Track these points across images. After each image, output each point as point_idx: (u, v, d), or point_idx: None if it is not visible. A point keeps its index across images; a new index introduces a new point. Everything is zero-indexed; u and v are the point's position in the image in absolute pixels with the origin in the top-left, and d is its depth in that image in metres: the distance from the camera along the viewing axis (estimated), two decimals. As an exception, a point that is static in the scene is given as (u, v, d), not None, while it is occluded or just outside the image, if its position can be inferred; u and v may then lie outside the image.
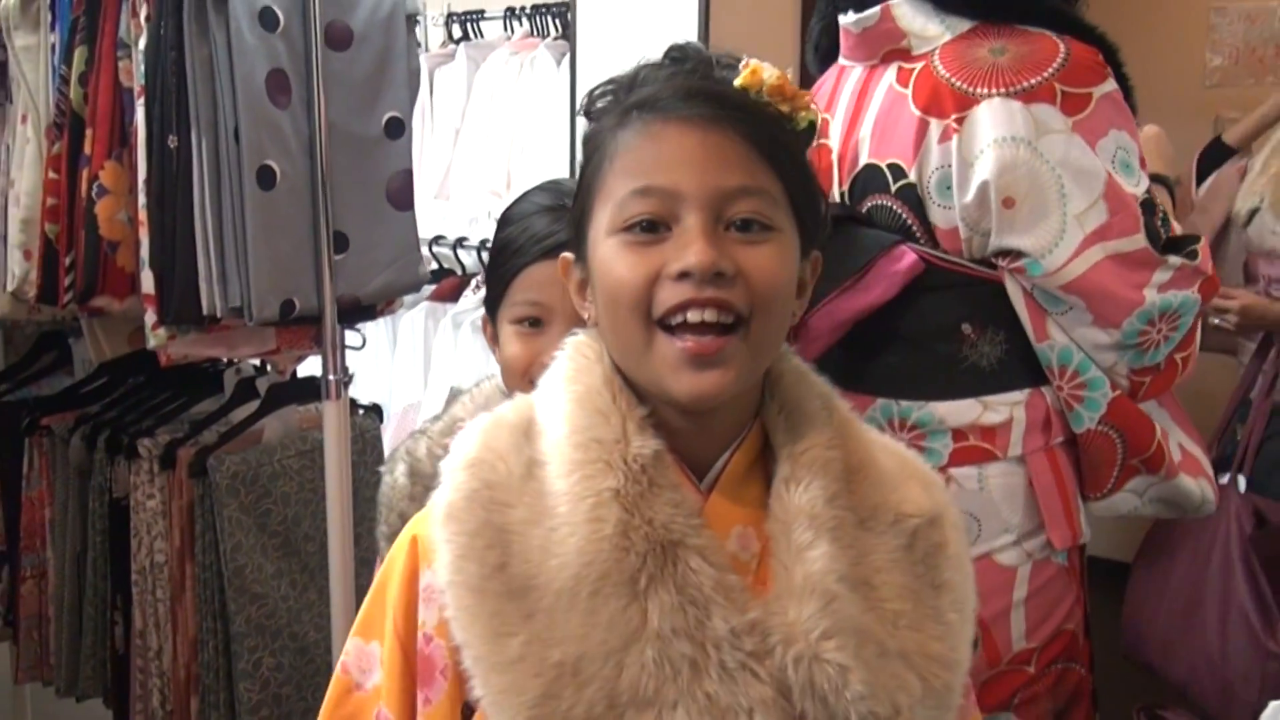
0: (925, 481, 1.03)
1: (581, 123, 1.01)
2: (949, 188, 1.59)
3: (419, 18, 2.09)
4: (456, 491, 0.95)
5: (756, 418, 1.00)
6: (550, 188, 1.44)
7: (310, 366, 2.29)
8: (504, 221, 1.42)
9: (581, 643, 0.89)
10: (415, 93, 2.11)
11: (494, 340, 1.39)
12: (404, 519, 1.36)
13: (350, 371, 2.10)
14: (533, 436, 0.97)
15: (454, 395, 3.17)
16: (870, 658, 0.90)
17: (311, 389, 2.28)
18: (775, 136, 0.94)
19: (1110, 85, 1.57)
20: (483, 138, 3.49)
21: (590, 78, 2.83)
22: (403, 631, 0.98)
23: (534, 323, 1.34)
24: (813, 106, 0.97)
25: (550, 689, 0.88)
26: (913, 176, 1.61)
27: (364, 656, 1.03)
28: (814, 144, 1.74)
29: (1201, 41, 4.20)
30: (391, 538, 1.39)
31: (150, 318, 1.88)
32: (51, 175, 1.98)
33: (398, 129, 2.06)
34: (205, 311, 1.87)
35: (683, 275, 0.89)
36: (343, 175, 1.98)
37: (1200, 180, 2.92)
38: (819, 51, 1.89)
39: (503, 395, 1.41)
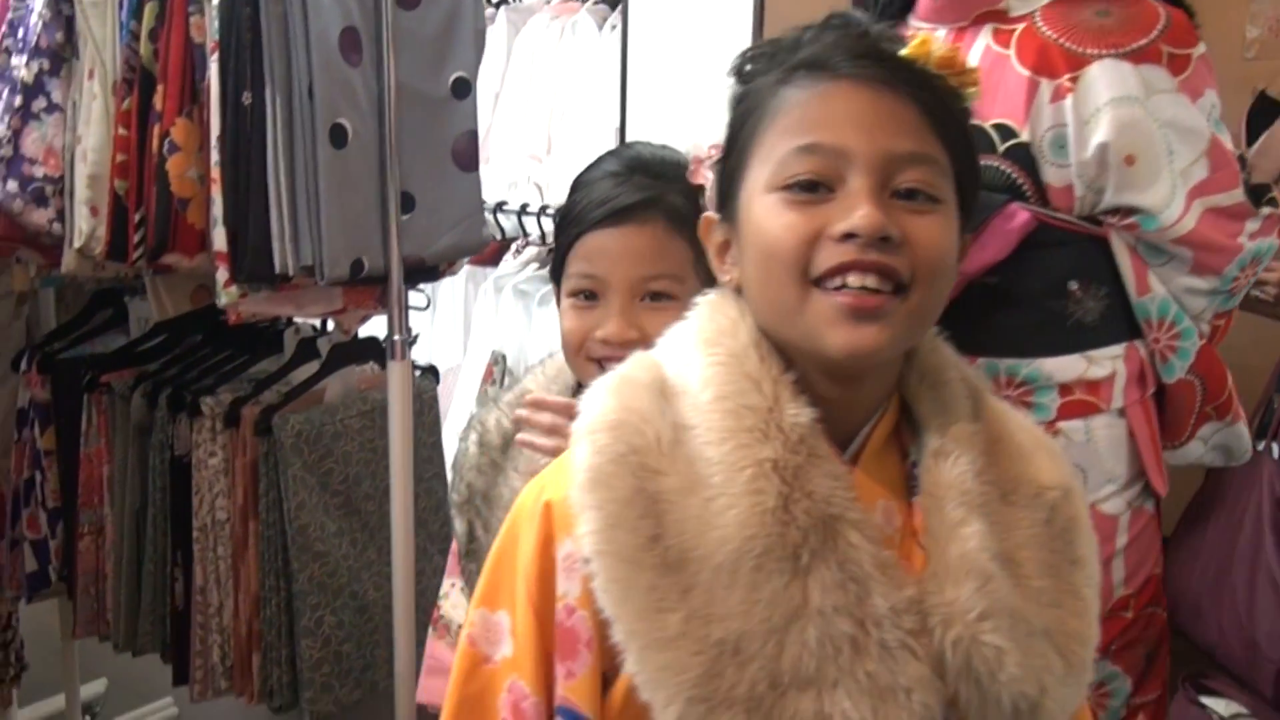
0: (1052, 452, 1.02)
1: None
2: (1063, 146, 1.61)
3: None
4: (600, 455, 0.92)
5: (895, 390, 0.99)
6: (621, 153, 1.41)
7: (370, 327, 2.30)
8: (571, 189, 1.40)
9: (743, 620, 0.86)
10: (481, 53, 2.11)
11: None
12: (471, 489, 1.37)
13: (414, 332, 2.11)
14: (670, 398, 0.95)
15: (495, 359, 3.19)
16: (1021, 638, 0.89)
17: (371, 349, 2.28)
18: (946, 107, 0.92)
19: (1203, 47, 1.62)
20: (522, 102, 3.48)
21: (641, 42, 2.82)
22: (538, 601, 0.95)
23: (588, 295, 1.31)
24: (975, 78, 0.95)
25: (712, 668, 0.86)
26: (1025, 136, 1.63)
27: (491, 627, 1.00)
28: None
29: (1241, 13, 4.18)
30: (461, 506, 1.38)
31: (222, 275, 1.88)
32: (120, 132, 1.97)
33: (464, 89, 2.06)
34: (278, 270, 1.86)
35: (847, 237, 0.87)
36: (410, 135, 1.98)
37: (1251, 140, 2.93)
38: (881, 11, 1.89)
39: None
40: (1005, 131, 1.64)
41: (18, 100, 2.00)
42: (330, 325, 2.36)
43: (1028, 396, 1.67)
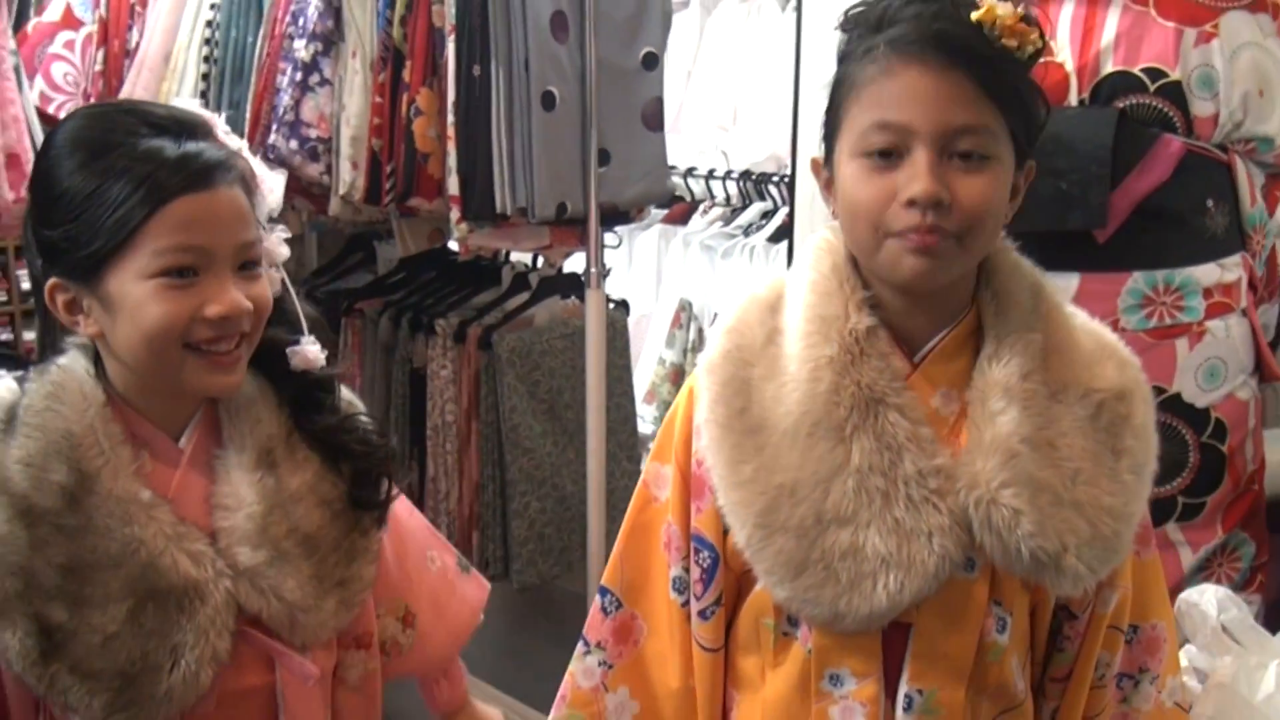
0: (1120, 361, 1.15)
1: (813, 59, 1.22)
2: (1209, 83, 1.87)
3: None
4: (715, 350, 1.17)
5: (973, 303, 1.15)
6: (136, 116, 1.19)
7: (572, 266, 2.67)
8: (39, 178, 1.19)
9: (798, 471, 1.09)
10: (667, 31, 2.44)
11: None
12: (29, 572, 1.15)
13: (609, 267, 2.46)
14: (778, 310, 1.17)
15: (682, 306, 3.48)
16: (1044, 505, 1.06)
17: (572, 283, 2.65)
18: (1002, 75, 1.05)
19: None
20: (712, 77, 3.78)
21: (816, 20, 3.09)
22: (681, 458, 1.21)
23: (182, 273, 1.11)
24: (1036, 37, 1.07)
25: (772, 504, 1.09)
26: (1175, 75, 1.88)
27: (659, 475, 1.25)
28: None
29: None
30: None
31: (454, 215, 2.28)
32: (376, 100, 2.38)
33: (652, 61, 2.40)
34: (498, 210, 2.25)
35: (911, 203, 1.04)
36: (607, 100, 2.32)
37: None
38: None
39: None
40: (1155, 73, 1.88)
41: (298, 76, 2.44)
42: (540, 262, 2.74)
43: (1180, 301, 1.90)
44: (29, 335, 5.03)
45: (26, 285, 4.61)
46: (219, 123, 1.18)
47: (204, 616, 1.12)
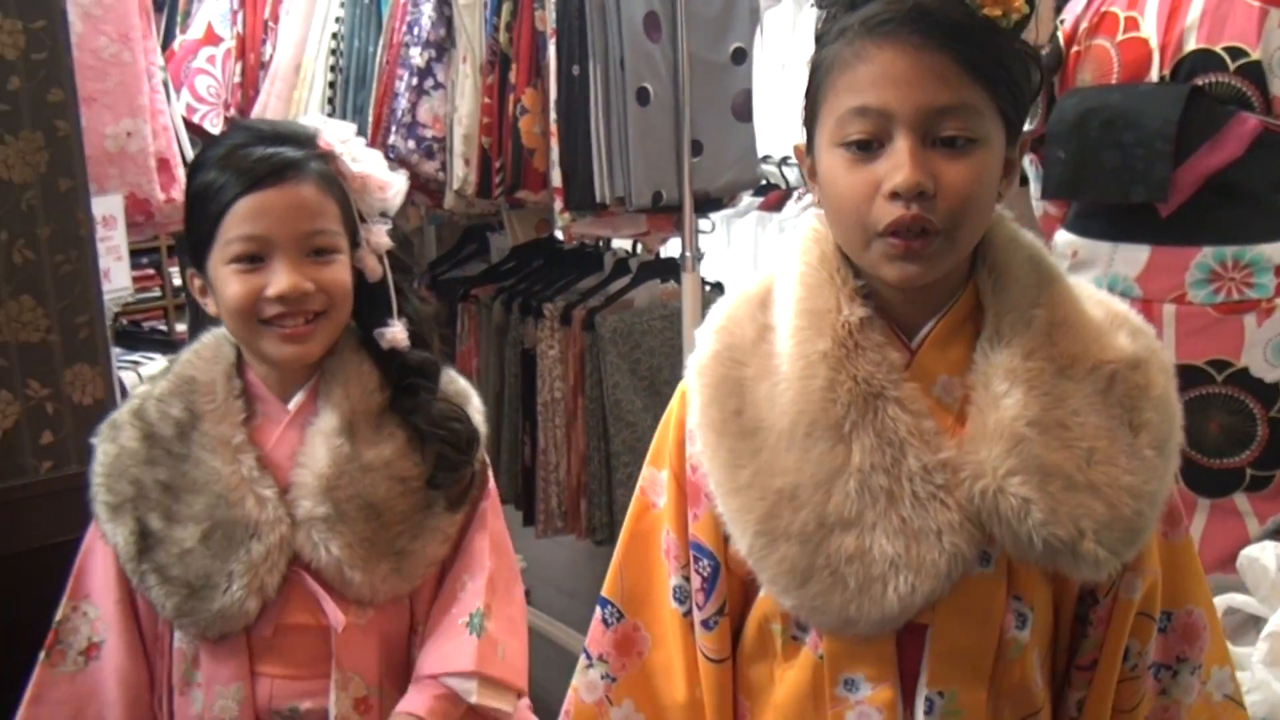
0: (1134, 330, 1.04)
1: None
2: None
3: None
4: (704, 351, 1.08)
5: (969, 282, 1.05)
6: (241, 128, 1.38)
7: (669, 250, 2.75)
8: (193, 171, 1.34)
9: (797, 474, 1.00)
10: (755, 27, 2.50)
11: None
12: (140, 484, 1.30)
13: (703, 251, 2.53)
14: (767, 305, 1.08)
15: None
16: (1056, 490, 0.96)
17: (670, 267, 2.73)
18: (984, 50, 0.95)
19: None
20: (804, 69, 3.80)
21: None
22: (675, 464, 1.12)
23: (252, 259, 1.25)
24: (1020, 3, 0.96)
25: (772, 510, 1.00)
26: (1256, 55, 1.86)
27: (655, 481, 1.16)
28: (1121, 37, 1.91)
29: None
30: (120, 507, 1.32)
31: (558, 205, 2.37)
32: (485, 100, 2.49)
33: (741, 56, 2.45)
34: (597, 199, 2.34)
35: (894, 195, 0.95)
36: (698, 94, 2.39)
37: None
38: None
39: None
40: (1236, 53, 1.86)
41: (414, 81, 2.56)
42: (639, 248, 2.82)
43: (1249, 278, 1.87)
44: (180, 327, 5.29)
45: (178, 281, 4.86)
46: (327, 130, 1.29)
47: (257, 553, 1.24)
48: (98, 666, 1.30)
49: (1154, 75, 1.96)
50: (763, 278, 1.10)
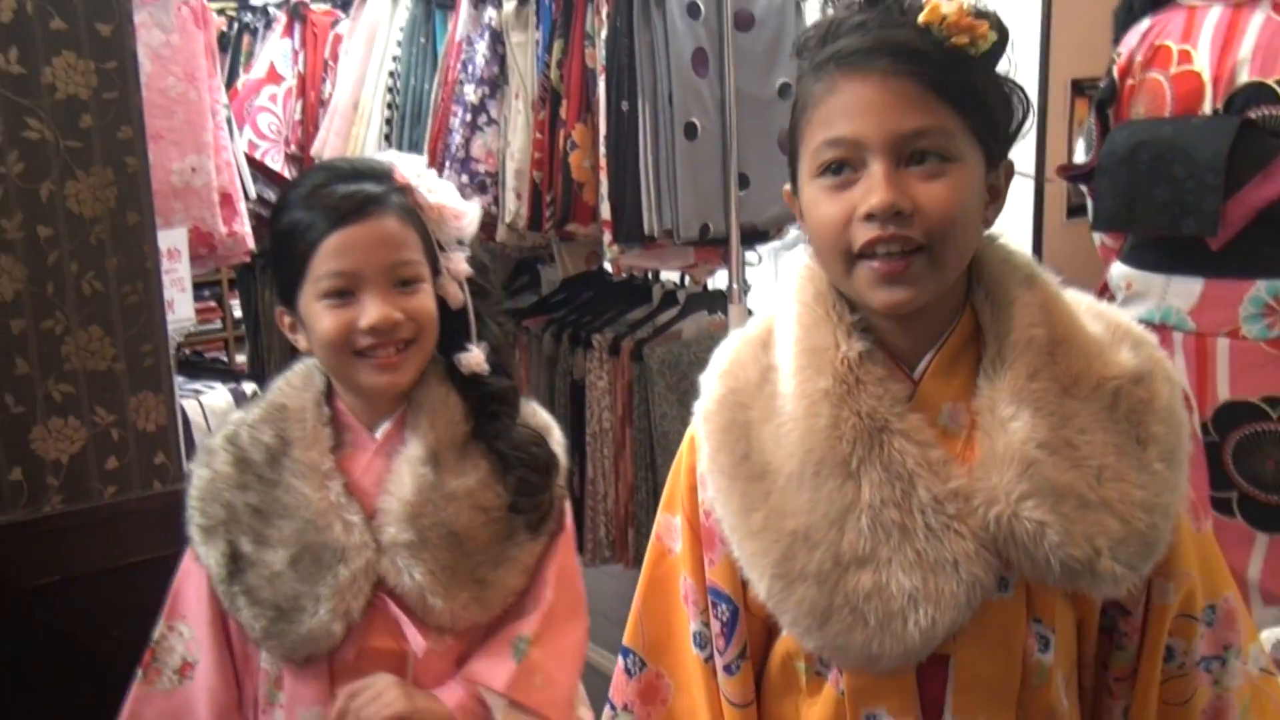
0: (1136, 342, 1.04)
1: None
2: None
3: (805, 0, 2.49)
4: (710, 396, 1.08)
5: (966, 306, 1.05)
6: (325, 167, 1.41)
7: (717, 282, 2.76)
8: (279, 210, 1.38)
9: (809, 515, 0.99)
10: (802, 62, 2.51)
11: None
12: (232, 508, 1.34)
13: (750, 283, 2.54)
14: (769, 346, 1.07)
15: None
16: (1070, 511, 0.96)
17: (717, 299, 2.75)
18: (950, 73, 0.96)
19: None
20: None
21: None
22: (689, 510, 1.12)
23: (343, 293, 1.27)
24: (987, 30, 0.97)
25: (788, 552, 1.00)
26: None
27: (670, 527, 1.16)
28: (1175, 70, 1.89)
29: None
30: (212, 529, 1.35)
31: (607, 237, 2.40)
32: (536, 136, 2.53)
33: (787, 91, 2.47)
34: (646, 232, 2.37)
35: (869, 216, 0.95)
36: (745, 128, 2.41)
37: None
38: None
39: None
40: None
41: (468, 117, 2.61)
42: (686, 280, 2.84)
43: None
44: (240, 358, 5.39)
45: (239, 313, 4.95)
46: (402, 164, 1.33)
47: (344, 577, 1.26)
48: (191, 685, 1.34)
49: (1207, 108, 1.94)
50: (763, 319, 1.10)
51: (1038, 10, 2.87)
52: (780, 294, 1.09)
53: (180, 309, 2.00)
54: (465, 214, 1.35)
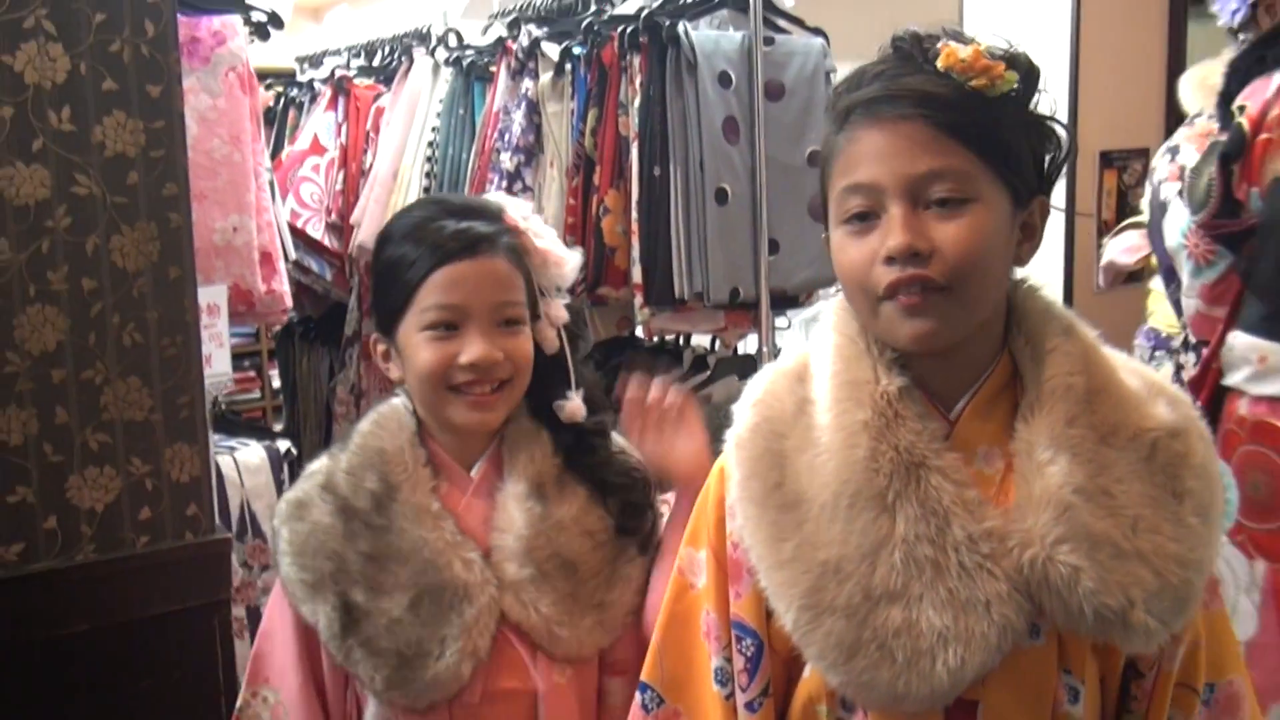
0: (1171, 399, 1.04)
1: None
2: None
3: (834, 71, 2.53)
4: (743, 424, 1.07)
5: (1004, 351, 1.05)
6: (437, 201, 1.42)
7: (747, 347, 2.77)
8: (383, 242, 1.39)
9: (842, 546, 0.98)
10: (831, 131, 2.54)
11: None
12: (341, 558, 1.32)
13: (779, 347, 2.55)
14: (805, 380, 1.07)
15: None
16: (1105, 559, 0.94)
17: (748, 363, 2.74)
18: (965, 115, 0.97)
19: None
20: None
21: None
22: (715, 542, 1.10)
23: (448, 326, 1.28)
24: (1003, 71, 0.98)
25: (817, 583, 0.98)
26: None
27: (693, 562, 1.13)
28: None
29: None
30: (318, 584, 1.33)
31: (638, 300, 2.42)
32: (570, 202, 2.56)
33: (818, 158, 2.49)
34: (677, 295, 2.38)
35: (889, 260, 0.97)
36: (776, 195, 2.44)
37: None
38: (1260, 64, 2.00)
39: None
40: None
41: (504, 184, 2.64)
42: (717, 344, 2.85)
43: None
44: (277, 427, 5.44)
45: (277, 383, 5.00)
46: (511, 207, 1.34)
47: (469, 616, 1.24)
48: None
49: None
50: (798, 354, 1.11)
51: (1065, 84, 2.90)
52: (818, 330, 1.10)
53: (218, 364, 2.02)
54: (567, 261, 1.36)
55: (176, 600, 1.86)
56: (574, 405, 1.34)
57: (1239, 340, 1.96)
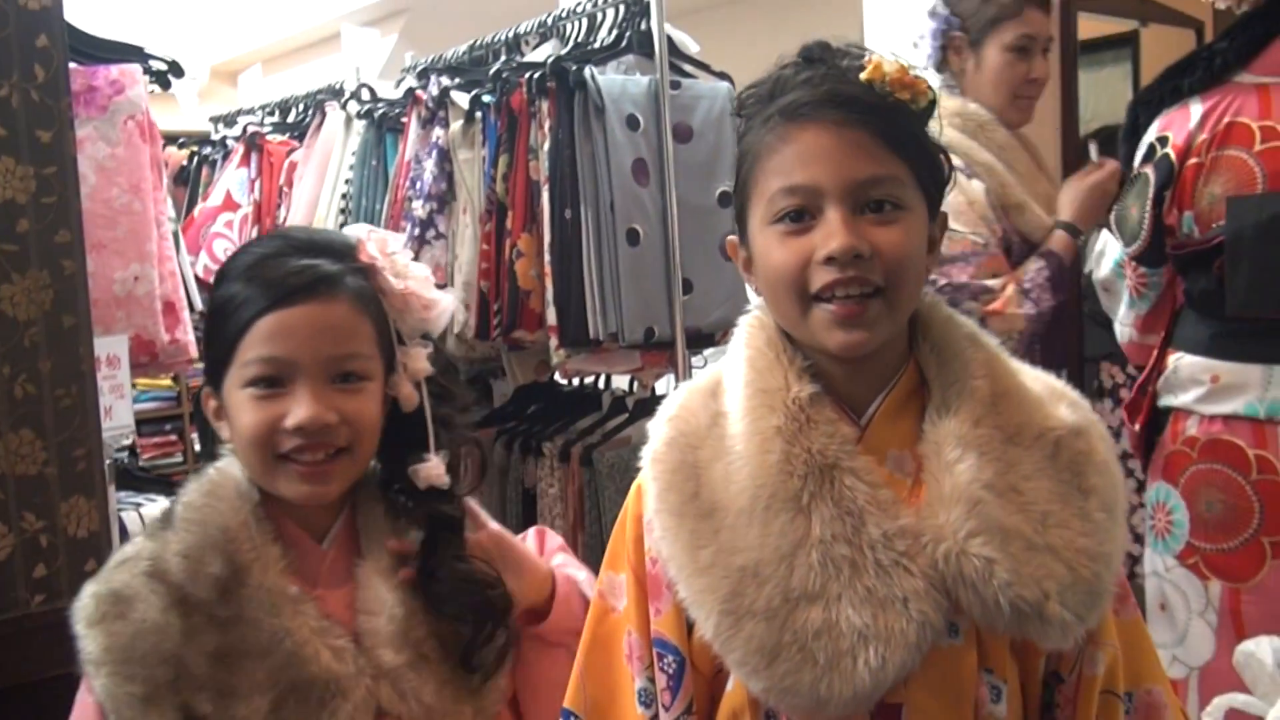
0: (1072, 402, 1.06)
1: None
2: None
3: (741, 114, 2.54)
4: (658, 439, 1.07)
5: (910, 358, 1.06)
6: (277, 236, 1.29)
7: (665, 386, 2.74)
8: (220, 280, 1.22)
9: (759, 550, 0.98)
10: (740, 172, 2.55)
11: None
12: (181, 661, 1.12)
13: (696, 385, 2.52)
14: (718, 394, 1.07)
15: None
16: (1017, 551, 0.95)
17: (666, 405, 2.72)
18: (899, 126, 0.99)
19: None
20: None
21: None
22: (634, 561, 1.09)
23: (271, 382, 1.13)
24: (926, 88, 1.00)
25: (736, 588, 0.98)
26: None
27: (614, 585, 1.12)
28: (1260, 147, 1.79)
29: None
30: (153, 695, 1.13)
31: (553, 342, 2.38)
32: (483, 247, 2.53)
33: (727, 200, 2.49)
34: (591, 336, 2.35)
35: (829, 260, 0.97)
36: (687, 235, 2.43)
37: None
38: (1212, 71, 1.96)
39: None
40: None
41: (416, 232, 2.60)
42: (635, 386, 2.82)
43: None
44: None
45: (199, 447, 4.88)
46: (371, 242, 1.16)
47: (344, 714, 1.09)
48: None
49: None
50: (711, 371, 1.11)
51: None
52: (730, 346, 1.10)
53: (118, 416, 1.94)
54: (436, 304, 1.19)
55: (77, 662, 1.77)
56: (429, 468, 1.17)
57: (1184, 362, 1.95)
